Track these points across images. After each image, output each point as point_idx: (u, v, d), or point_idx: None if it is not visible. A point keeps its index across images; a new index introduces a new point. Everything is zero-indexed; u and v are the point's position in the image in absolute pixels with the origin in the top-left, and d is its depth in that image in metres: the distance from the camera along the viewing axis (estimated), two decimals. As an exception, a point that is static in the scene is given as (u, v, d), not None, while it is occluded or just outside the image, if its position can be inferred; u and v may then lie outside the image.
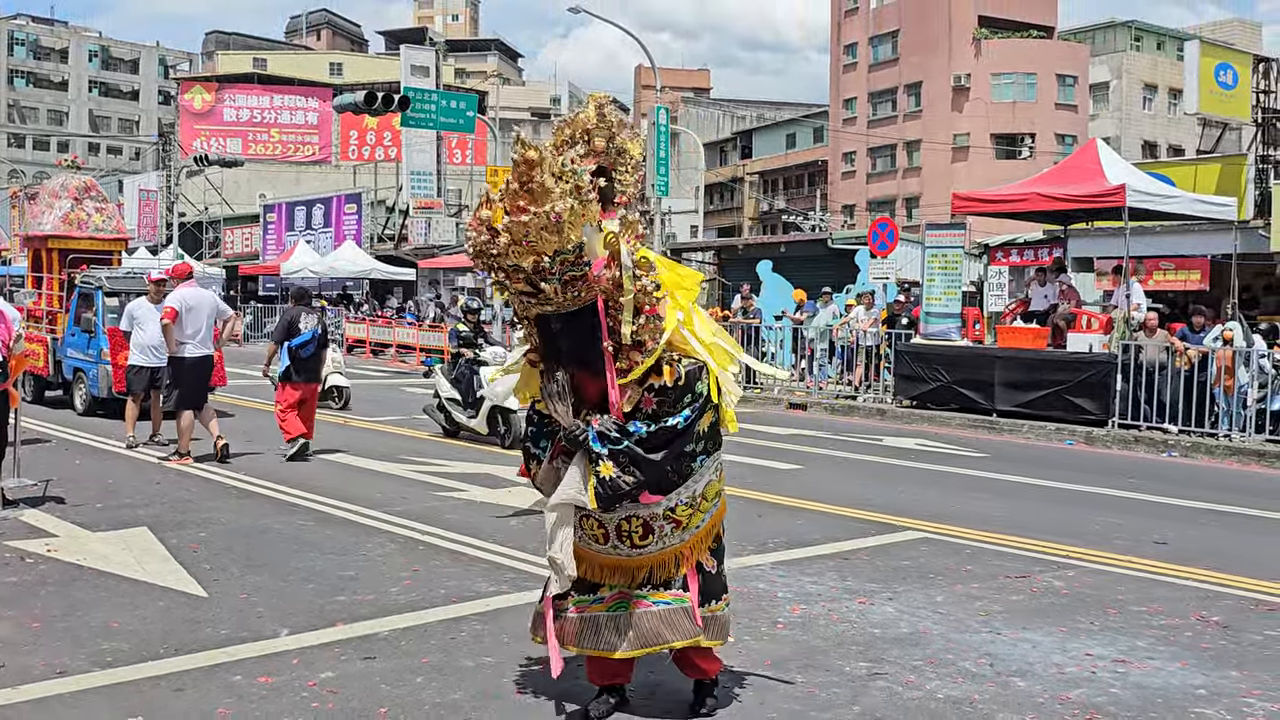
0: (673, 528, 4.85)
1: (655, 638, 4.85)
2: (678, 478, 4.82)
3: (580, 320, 4.65)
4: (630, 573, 4.91)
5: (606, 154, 7.56)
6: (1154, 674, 5.77)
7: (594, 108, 6.09)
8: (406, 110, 23.88)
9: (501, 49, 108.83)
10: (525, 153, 4.49)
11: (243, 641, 5.97)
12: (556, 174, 4.49)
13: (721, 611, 5.08)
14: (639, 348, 4.65)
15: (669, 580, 4.91)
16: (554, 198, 4.46)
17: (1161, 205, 18.13)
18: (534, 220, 4.44)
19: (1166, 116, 61.10)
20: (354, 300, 40.97)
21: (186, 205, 51.92)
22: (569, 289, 4.59)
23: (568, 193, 4.49)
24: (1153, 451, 15.19)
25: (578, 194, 4.51)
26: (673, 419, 4.71)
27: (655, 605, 4.88)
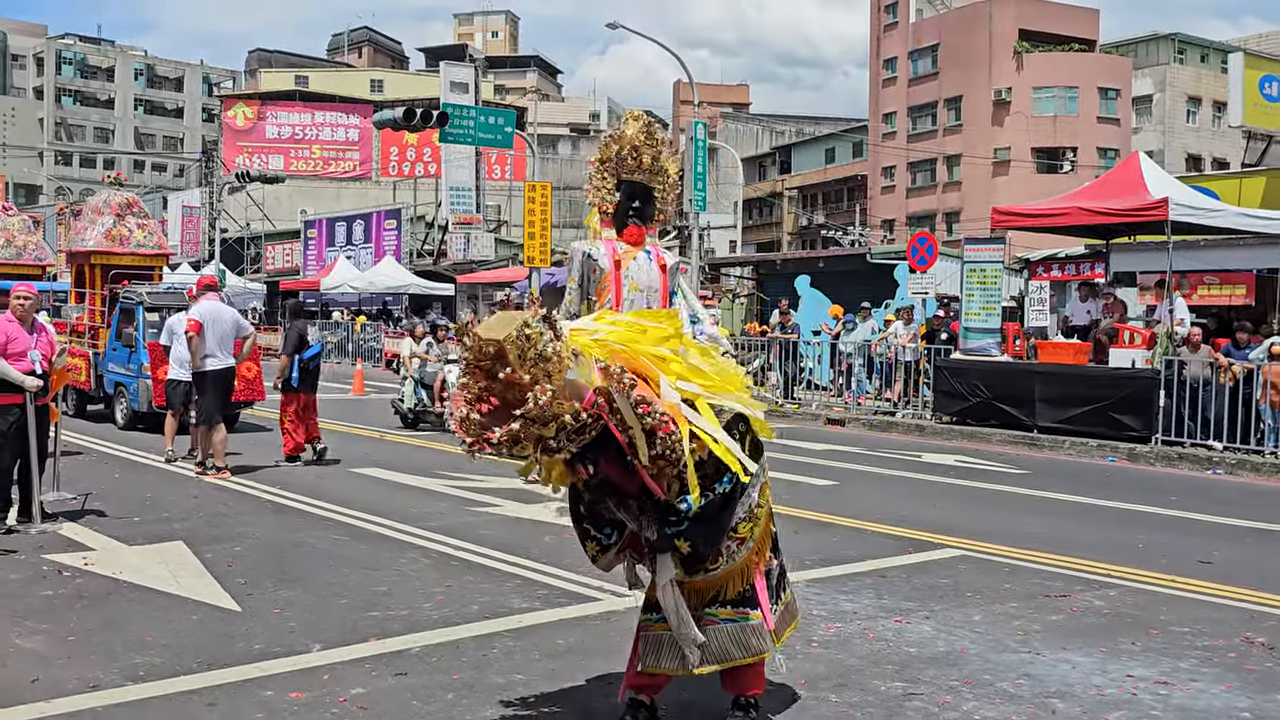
0: (737, 545, 4.90)
1: (724, 655, 4.90)
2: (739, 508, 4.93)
3: (601, 444, 4.50)
4: (701, 593, 4.94)
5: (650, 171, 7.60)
6: (1197, 696, 5.65)
7: (641, 125, 6.07)
8: (445, 126, 23.97)
9: (541, 65, 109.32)
10: (483, 346, 4.29)
11: (275, 656, 5.96)
12: (518, 355, 4.21)
13: (791, 598, 5.31)
14: (664, 457, 4.54)
15: (740, 595, 4.96)
16: (528, 386, 4.23)
17: (1206, 219, 17.90)
18: (524, 426, 4.27)
19: (1210, 129, 60.47)
20: (393, 315, 41.18)
21: (229, 221, 52.43)
22: (579, 438, 4.41)
23: (538, 371, 4.22)
24: (1197, 469, 14.97)
25: (546, 362, 4.22)
26: (719, 485, 4.75)
27: (724, 623, 4.91)
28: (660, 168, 7.65)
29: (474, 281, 41.57)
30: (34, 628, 6.43)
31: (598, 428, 4.41)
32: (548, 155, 64.94)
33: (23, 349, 9.21)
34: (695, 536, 4.74)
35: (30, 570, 7.83)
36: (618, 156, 7.41)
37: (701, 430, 4.66)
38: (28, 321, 9.38)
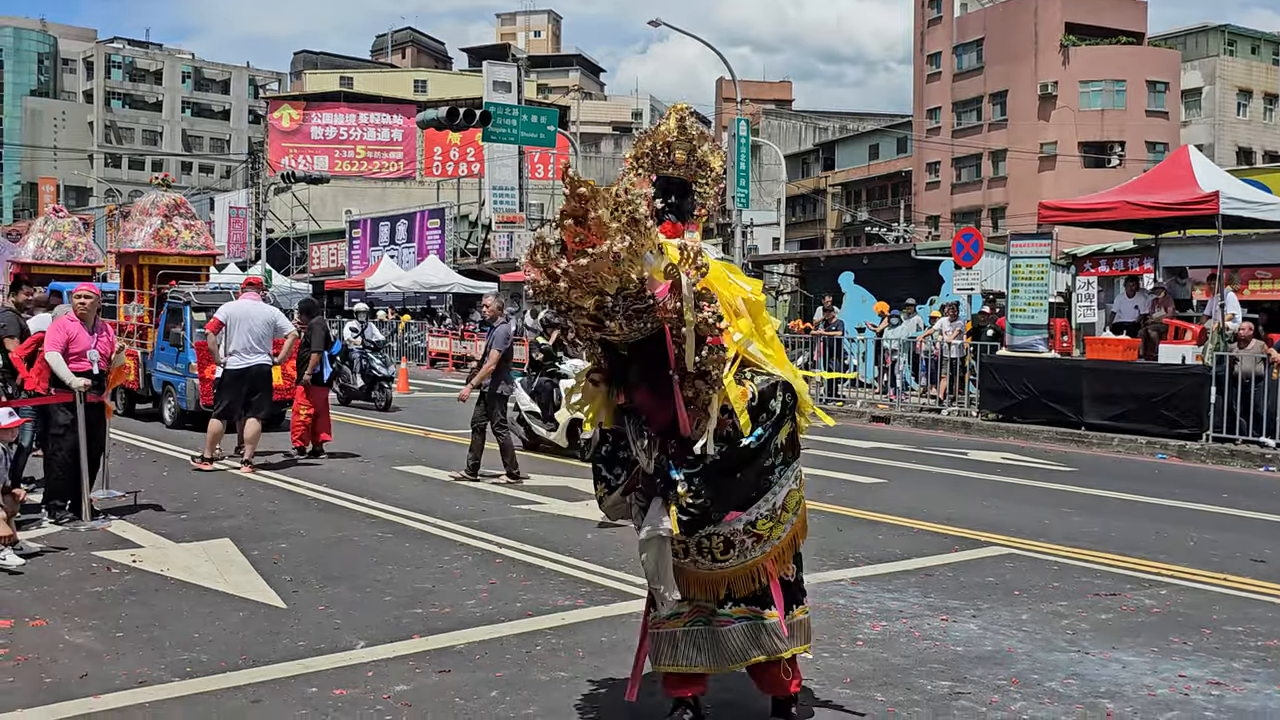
0: (754, 541, 4.81)
1: (741, 655, 4.86)
2: (756, 493, 4.77)
3: (647, 349, 4.51)
4: (712, 587, 4.87)
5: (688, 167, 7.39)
6: (1251, 697, 5.56)
7: (675, 120, 5.96)
8: (488, 125, 24.09)
9: (583, 64, 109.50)
10: (577, 188, 4.30)
11: (319, 653, 5.99)
12: (611, 208, 4.28)
13: (803, 616, 5.08)
14: (704, 377, 4.54)
15: (752, 595, 4.88)
16: (611, 234, 4.26)
17: (1257, 212, 17.63)
18: (593, 263, 4.27)
19: (1262, 122, 59.65)
20: (437, 314, 41.35)
21: (274, 222, 52.85)
22: (633, 322, 4.43)
23: (625, 227, 4.27)
24: (1249, 466, 14.74)
25: (635, 226, 4.29)
26: (745, 439, 4.65)
27: (738, 622, 4.86)
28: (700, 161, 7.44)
29: (517, 280, 41.56)
30: (83, 624, 6.49)
31: (654, 318, 4.40)
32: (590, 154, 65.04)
33: (84, 348, 9.39)
34: (702, 488, 4.60)
35: (80, 567, 7.91)
36: (651, 153, 7.26)
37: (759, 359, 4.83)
38: (89, 321, 9.53)
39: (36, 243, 21.02)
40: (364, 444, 14.84)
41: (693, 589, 4.87)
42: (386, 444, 15.09)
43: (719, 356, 4.55)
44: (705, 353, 4.51)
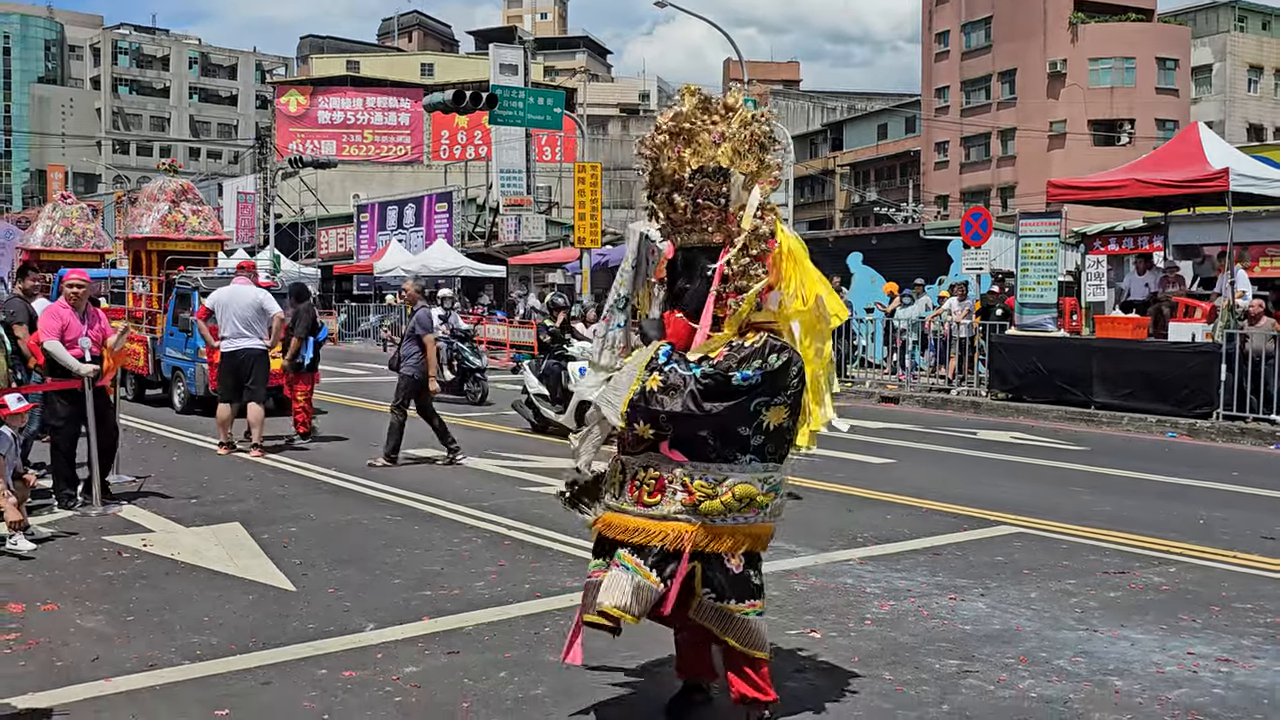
0: (684, 498, 4.53)
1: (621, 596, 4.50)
2: (714, 453, 4.56)
3: (703, 258, 4.71)
4: (632, 533, 4.62)
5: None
6: (1260, 673, 5.55)
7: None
8: (495, 108, 24.03)
9: (590, 46, 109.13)
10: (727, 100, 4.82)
11: (329, 635, 6.00)
12: (748, 117, 4.75)
13: (744, 614, 4.60)
14: (737, 292, 4.62)
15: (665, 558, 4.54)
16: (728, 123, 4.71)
17: (1268, 189, 17.53)
18: (697, 127, 4.70)
19: (1273, 98, 59.33)
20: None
21: (282, 207, 52.90)
22: (699, 214, 4.67)
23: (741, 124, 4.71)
24: (1260, 443, 14.70)
25: (746, 130, 4.72)
26: (735, 375, 4.48)
27: (625, 569, 4.57)
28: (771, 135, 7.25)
29: (525, 263, 41.67)
30: (94, 608, 6.52)
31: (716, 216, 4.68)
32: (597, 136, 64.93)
33: (75, 336, 9.38)
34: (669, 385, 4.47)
35: (90, 551, 7.94)
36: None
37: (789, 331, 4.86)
38: (81, 308, 9.52)
39: (45, 229, 21.07)
40: (371, 427, 14.84)
41: (623, 535, 4.65)
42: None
43: (756, 273, 4.65)
44: (745, 262, 4.63)
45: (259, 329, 12.53)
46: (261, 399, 12.64)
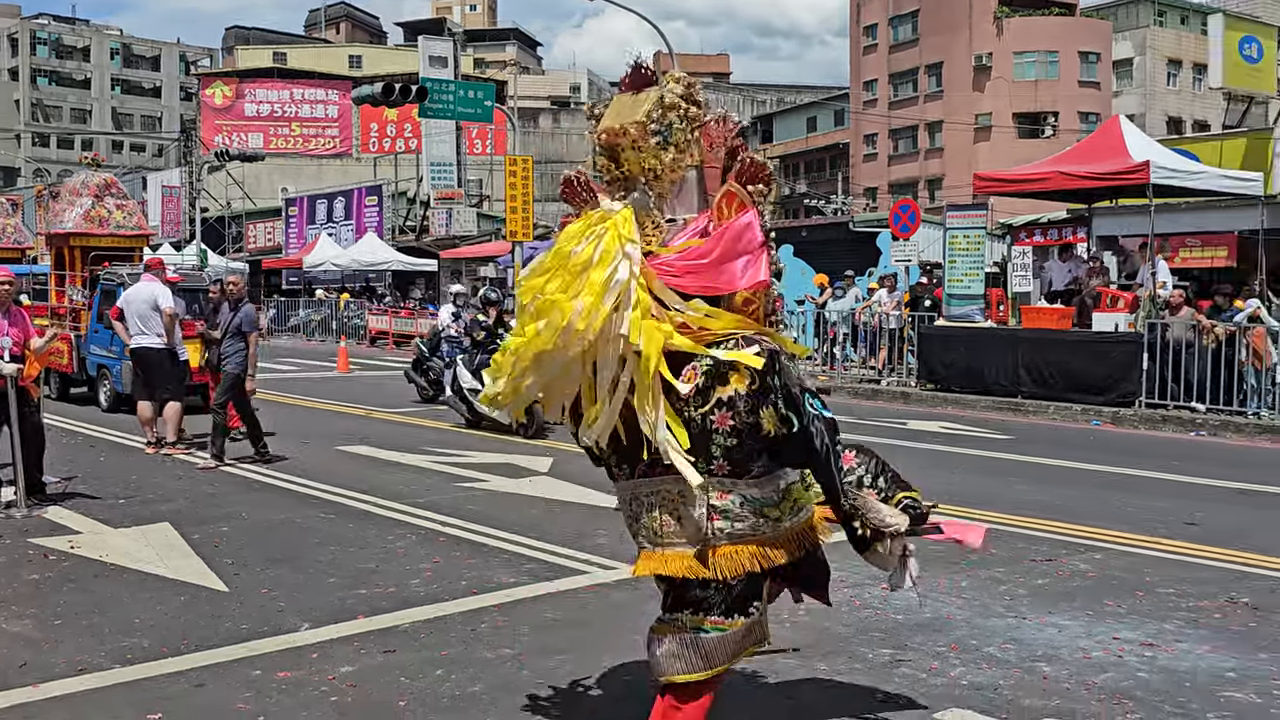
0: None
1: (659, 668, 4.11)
2: None
3: None
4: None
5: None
6: (1182, 657, 5.69)
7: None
8: (424, 101, 23.83)
9: (520, 38, 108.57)
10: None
11: (263, 636, 5.96)
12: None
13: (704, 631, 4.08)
14: None
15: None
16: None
17: (1187, 181, 17.94)
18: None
19: (1191, 92, 60.50)
20: (376, 292, 41.05)
21: (209, 201, 52.17)
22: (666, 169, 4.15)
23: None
24: (1181, 431, 15.04)
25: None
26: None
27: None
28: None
29: (457, 257, 41.45)
30: (20, 612, 6.41)
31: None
32: (529, 129, 64.67)
33: None
34: None
35: (15, 554, 7.80)
36: None
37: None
38: (4, 306, 9.32)
39: (-37, 225, 20.59)
40: (303, 424, 14.73)
41: None
42: (326, 424, 14.98)
43: None
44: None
45: (155, 325, 12.45)
46: (174, 396, 12.50)
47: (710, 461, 3.95)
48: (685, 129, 4.14)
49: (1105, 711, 4.95)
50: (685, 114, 4.16)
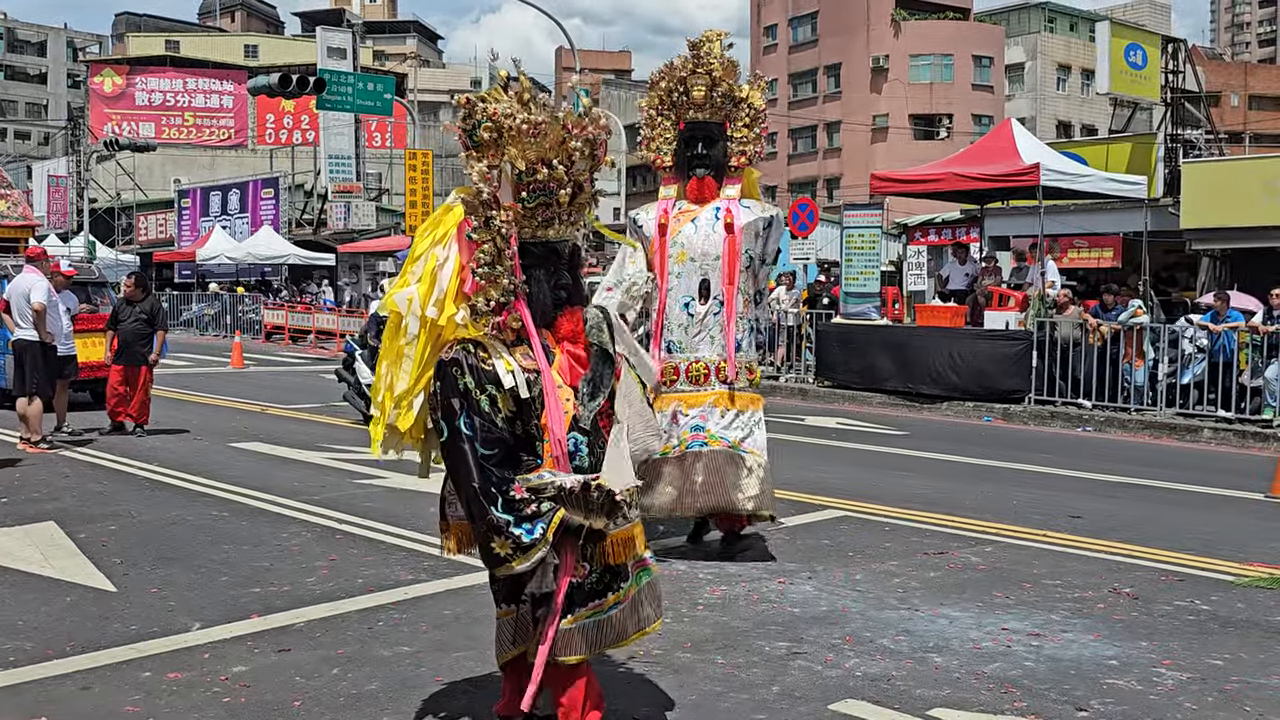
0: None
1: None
2: None
3: None
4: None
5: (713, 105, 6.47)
6: (1067, 646, 5.85)
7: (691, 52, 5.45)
8: (322, 93, 23.54)
9: (421, 31, 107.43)
10: None
11: (152, 637, 5.83)
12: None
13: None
14: None
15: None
16: None
17: (1075, 184, 18.43)
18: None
19: (1080, 97, 62.08)
20: (272, 286, 40.36)
21: (98, 191, 50.78)
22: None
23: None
24: (1068, 427, 15.45)
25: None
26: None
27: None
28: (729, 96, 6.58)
29: (355, 251, 40.92)
30: (-104, 615, 6.20)
31: None
32: (429, 122, 64.01)
33: None
34: None
35: (-109, 555, 7.53)
36: (670, 96, 6.50)
37: None
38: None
39: None
40: (196, 420, 14.43)
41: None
42: (220, 420, 14.69)
43: None
44: None
45: (29, 318, 12.15)
46: (38, 393, 12.15)
47: None
48: (492, 130, 4.23)
49: (994, 700, 5.07)
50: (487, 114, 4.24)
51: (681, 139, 6.70)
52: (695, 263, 6.86)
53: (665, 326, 7.44)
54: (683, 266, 7.02)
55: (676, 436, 7.36)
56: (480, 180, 4.20)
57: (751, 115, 6.73)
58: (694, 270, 6.96)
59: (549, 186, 4.23)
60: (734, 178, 6.98)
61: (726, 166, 6.91)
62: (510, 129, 4.17)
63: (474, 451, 4.12)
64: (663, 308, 7.42)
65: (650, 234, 7.06)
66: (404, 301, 4.33)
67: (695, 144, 6.51)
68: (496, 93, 4.27)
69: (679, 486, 7.26)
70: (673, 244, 6.97)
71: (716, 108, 6.39)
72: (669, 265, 7.02)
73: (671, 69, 6.35)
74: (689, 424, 7.38)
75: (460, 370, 4.15)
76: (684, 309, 7.39)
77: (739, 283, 7.28)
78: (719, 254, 6.86)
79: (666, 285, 7.21)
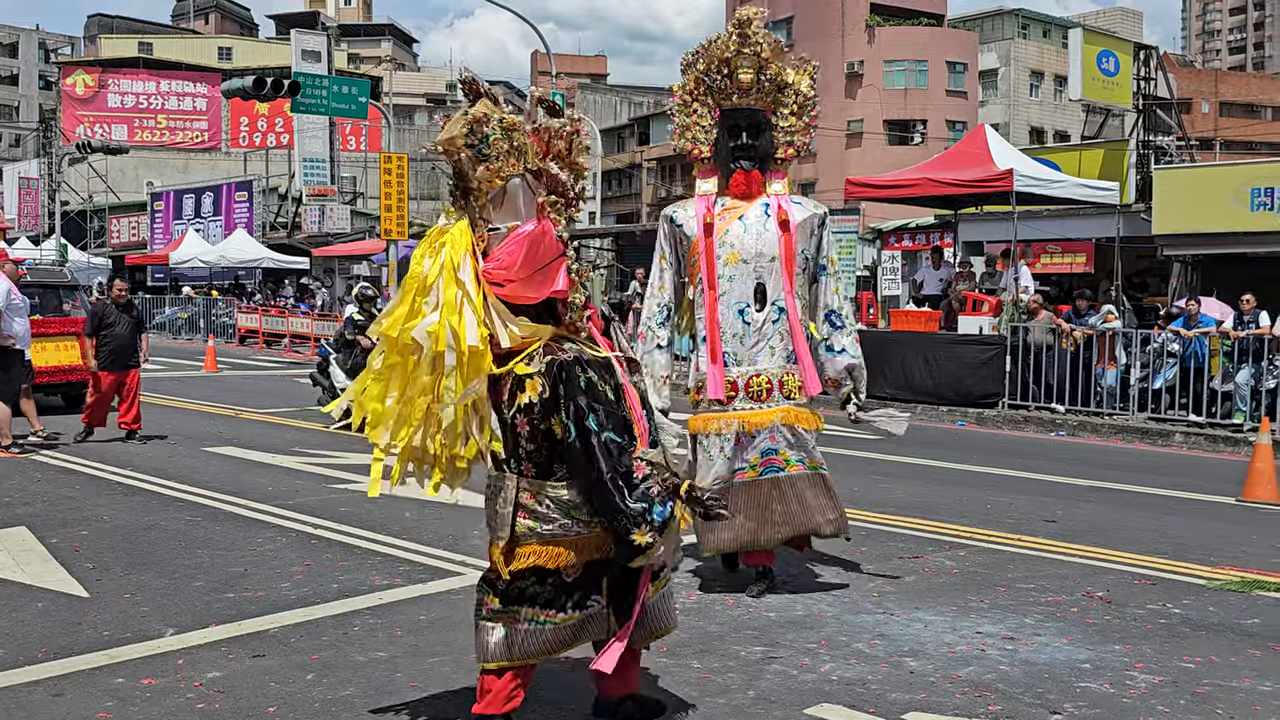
0: None
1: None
2: None
3: None
4: None
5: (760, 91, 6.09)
6: (1041, 650, 5.89)
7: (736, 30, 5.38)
8: (297, 96, 23.38)
9: (396, 34, 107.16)
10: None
11: (126, 643, 5.79)
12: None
13: None
14: None
15: None
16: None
17: (1047, 189, 18.53)
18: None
19: (1053, 103, 62.47)
20: (246, 290, 40.16)
21: (70, 194, 50.46)
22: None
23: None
24: (1041, 431, 15.53)
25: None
26: None
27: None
28: (775, 81, 6.15)
29: (330, 255, 40.73)
30: None
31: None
32: (404, 126, 63.91)
33: None
34: None
35: None
36: (707, 79, 5.98)
37: None
38: None
39: None
40: (170, 425, 14.34)
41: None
42: (193, 424, 14.61)
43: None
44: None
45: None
46: (1, 397, 12.05)
47: (520, 463, 4.32)
48: (503, 139, 4.29)
49: (968, 704, 5.10)
50: (501, 124, 4.30)
51: (724, 128, 6.09)
52: (748, 264, 6.19)
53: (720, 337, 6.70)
54: (735, 269, 6.30)
55: (745, 461, 6.74)
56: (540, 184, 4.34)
57: (800, 102, 6.27)
58: (747, 273, 6.25)
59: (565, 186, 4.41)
60: (779, 171, 6.38)
61: (772, 159, 6.32)
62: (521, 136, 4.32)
63: (604, 445, 4.18)
64: (714, 316, 6.63)
65: (694, 234, 6.38)
66: (427, 336, 4.21)
67: (739, 133, 5.75)
68: (487, 104, 4.37)
69: (756, 518, 6.66)
70: (720, 244, 6.29)
71: (764, 93, 5.92)
72: (718, 268, 6.32)
73: (709, 49, 5.91)
74: (758, 448, 6.76)
75: (582, 368, 4.23)
76: (739, 316, 6.64)
77: (795, 286, 6.64)
78: (775, 254, 6.18)
79: (718, 290, 6.48)
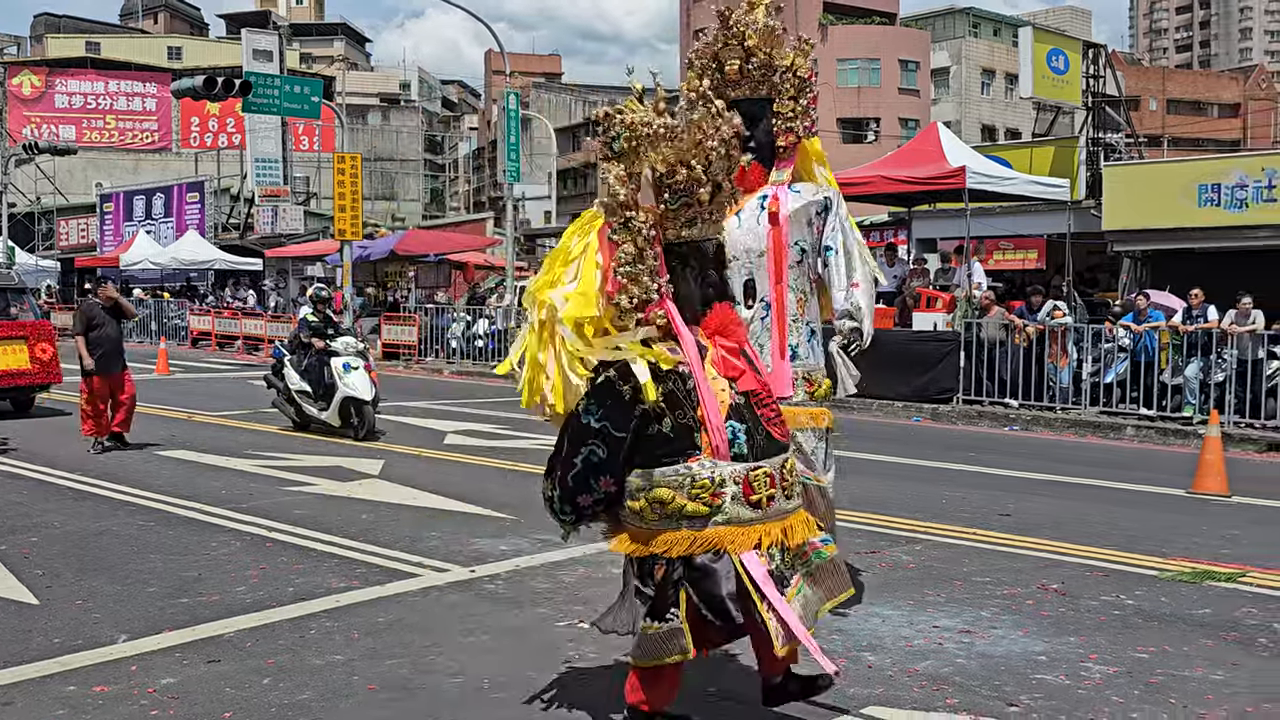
0: None
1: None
2: None
3: None
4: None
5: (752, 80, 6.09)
6: (997, 643, 5.93)
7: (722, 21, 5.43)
8: (248, 95, 23.18)
9: (348, 33, 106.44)
10: None
11: (77, 650, 5.71)
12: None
13: None
14: None
15: None
16: None
17: (999, 187, 18.71)
18: None
19: (1004, 101, 63.02)
20: (198, 292, 39.77)
21: (16, 195, 49.68)
22: None
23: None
24: (995, 426, 15.67)
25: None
26: None
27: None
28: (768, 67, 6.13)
29: (283, 255, 40.41)
30: None
31: None
32: (357, 125, 63.57)
33: None
34: None
35: None
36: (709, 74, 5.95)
37: None
38: None
39: None
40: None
41: None
42: (145, 427, 14.42)
43: None
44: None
45: None
46: None
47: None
48: (629, 138, 4.44)
49: (926, 698, 5.13)
50: (624, 124, 4.46)
51: None
52: (738, 261, 5.98)
53: None
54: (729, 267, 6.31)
55: None
56: (618, 184, 4.41)
57: (797, 85, 6.15)
58: (738, 270, 6.01)
59: (689, 187, 4.45)
60: (785, 159, 6.18)
61: (774, 148, 6.13)
62: (647, 135, 4.40)
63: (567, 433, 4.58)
64: None
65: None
66: (560, 300, 4.53)
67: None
68: (632, 104, 4.51)
69: None
70: None
71: (756, 82, 5.80)
72: None
73: (707, 45, 5.92)
74: None
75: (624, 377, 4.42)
76: None
77: (789, 280, 6.41)
78: (763, 249, 6.04)
79: None
